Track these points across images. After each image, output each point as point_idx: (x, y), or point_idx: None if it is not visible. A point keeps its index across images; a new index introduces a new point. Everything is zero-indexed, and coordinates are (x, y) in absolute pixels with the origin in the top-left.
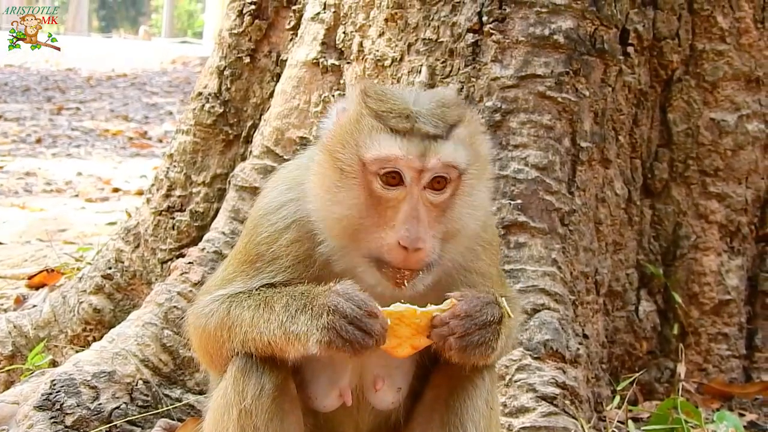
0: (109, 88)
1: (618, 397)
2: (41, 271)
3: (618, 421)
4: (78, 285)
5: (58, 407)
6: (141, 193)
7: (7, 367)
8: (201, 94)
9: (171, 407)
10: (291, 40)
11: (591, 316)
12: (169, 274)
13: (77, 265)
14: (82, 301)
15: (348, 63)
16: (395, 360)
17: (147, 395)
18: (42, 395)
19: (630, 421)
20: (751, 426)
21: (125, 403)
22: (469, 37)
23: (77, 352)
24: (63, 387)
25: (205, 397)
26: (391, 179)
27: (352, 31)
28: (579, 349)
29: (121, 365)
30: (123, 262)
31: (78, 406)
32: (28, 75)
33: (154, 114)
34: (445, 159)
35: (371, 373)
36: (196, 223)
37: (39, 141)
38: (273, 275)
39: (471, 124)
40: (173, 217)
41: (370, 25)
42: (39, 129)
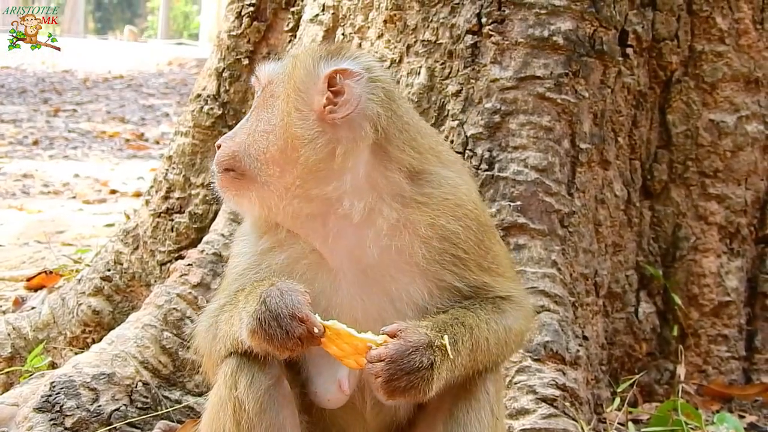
0: (105, 90)
1: (618, 399)
2: (40, 272)
3: (618, 423)
4: (77, 287)
5: (58, 409)
6: (138, 194)
7: (6, 369)
8: (200, 95)
9: (170, 409)
10: (290, 41)
11: (591, 317)
12: (168, 276)
13: (76, 267)
14: (81, 303)
15: None
16: None
17: (146, 397)
18: (41, 397)
19: (630, 422)
20: (750, 428)
21: (125, 404)
22: (468, 39)
23: (76, 353)
24: (62, 389)
25: (205, 398)
26: None
27: (350, 33)
28: (579, 350)
29: (120, 367)
30: (122, 264)
31: (77, 407)
32: (25, 77)
33: (151, 116)
34: None
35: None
36: (195, 225)
37: (36, 143)
38: (241, 276)
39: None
40: (172, 219)
41: (368, 27)
42: (36, 131)
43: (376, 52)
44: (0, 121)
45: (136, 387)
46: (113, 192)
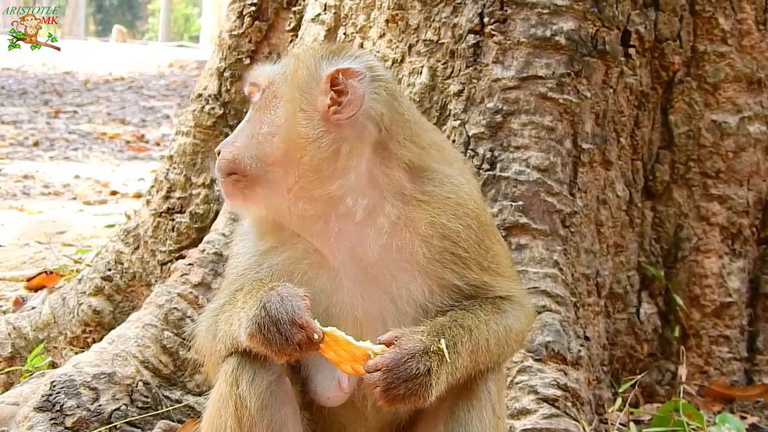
0: (106, 92)
1: (619, 400)
2: (40, 273)
3: (619, 424)
4: (77, 287)
5: (58, 408)
6: (139, 195)
7: (6, 369)
8: (201, 95)
9: (171, 408)
10: (291, 41)
11: (592, 318)
12: (169, 276)
13: (76, 267)
14: (81, 303)
15: None
16: None
17: (147, 396)
18: (42, 396)
19: (631, 423)
20: (752, 429)
21: (125, 404)
22: (471, 39)
23: (77, 353)
24: (63, 388)
25: (205, 398)
26: None
27: (352, 33)
28: (580, 351)
29: (121, 366)
30: (122, 264)
31: (78, 407)
32: (26, 78)
33: (152, 117)
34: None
35: None
36: (195, 225)
37: (36, 144)
38: (241, 276)
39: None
40: (173, 219)
41: (370, 27)
42: (36, 132)
43: (378, 52)
44: (1, 122)
45: (137, 386)
46: (114, 193)
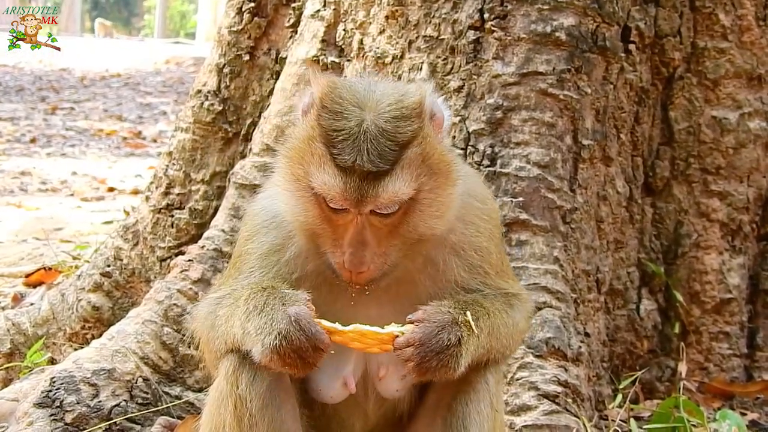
0: (102, 88)
1: (620, 396)
2: (39, 269)
3: (620, 420)
4: (77, 283)
5: (58, 404)
6: (136, 192)
7: (5, 365)
8: (200, 91)
9: (171, 405)
10: (291, 37)
11: (592, 314)
12: (168, 272)
13: (75, 264)
14: (80, 299)
15: (348, 60)
16: None
17: (147, 393)
18: (42, 392)
19: (632, 419)
20: (752, 425)
21: (125, 400)
22: (471, 34)
23: (76, 349)
24: (63, 384)
25: (205, 394)
26: (336, 208)
27: (352, 29)
28: (581, 347)
29: (120, 363)
30: (122, 260)
31: (78, 403)
32: (22, 75)
33: (148, 114)
34: (385, 199)
35: (375, 361)
36: (195, 221)
37: (33, 141)
38: (250, 274)
39: (427, 138)
40: (172, 215)
41: (370, 23)
42: (33, 129)
43: (378, 48)
44: None
45: (137, 382)
46: (111, 190)
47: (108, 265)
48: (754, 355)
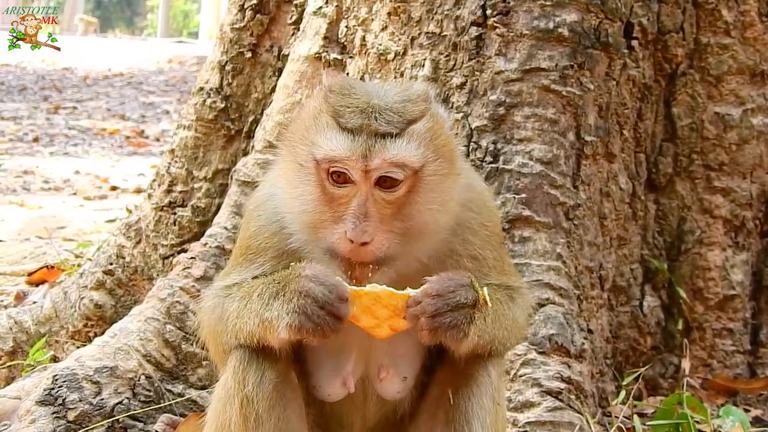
0: (105, 87)
1: (623, 392)
2: (41, 267)
3: (623, 417)
4: (79, 281)
5: (61, 402)
6: (139, 191)
7: (8, 363)
8: (202, 89)
9: (173, 402)
10: (293, 34)
11: (595, 310)
12: (171, 270)
13: (77, 262)
14: (83, 297)
15: (351, 57)
16: (400, 348)
17: (149, 390)
18: (44, 390)
19: (635, 416)
20: (756, 421)
21: (127, 398)
22: (473, 31)
23: (78, 347)
24: (65, 382)
25: (208, 392)
26: (339, 177)
27: (354, 25)
28: (584, 343)
29: (123, 360)
30: (124, 258)
31: (80, 401)
32: (25, 74)
33: (151, 113)
34: (392, 158)
35: (376, 362)
36: (197, 219)
37: (36, 140)
38: (260, 267)
39: (434, 119)
40: (175, 213)
41: (372, 19)
42: (36, 128)
43: (380, 45)
44: (0, 118)
45: (139, 380)
46: (114, 188)
47: (110, 263)
48: (757, 351)
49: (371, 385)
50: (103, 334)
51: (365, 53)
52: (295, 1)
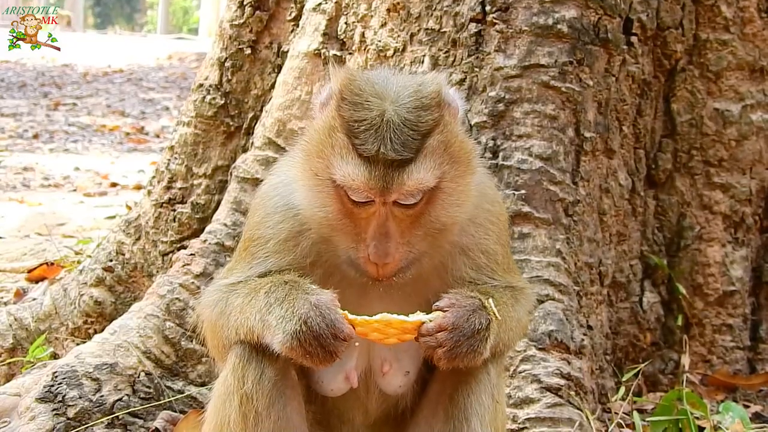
0: (105, 84)
1: (623, 389)
2: (41, 264)
3: (623, 413)
4: (79, 277)
5: (60, 399)
6: (139, 187)
7: (8, 360)
8: (202, 85)
9: (173, 399)
10: (292, 31)
11: (595, 307)
12: (170, 266)
13: (77, 259)
14: (83, 294)
15: (350, 54)
16: (403, 344)
17: (149, 387)
18: (44, 387)
19: (635, 412)
20: (755, 417)
21: (127, 395)
22: (472, 27)
23: (78, 344)
24: (65, 379)
25: (208, 389)
26: (359, 199)
27: (353, 22)
28: (583, 340)
29: (123, 357)
30: (124, 255)
31: (80, 398)
32: (25, 71)
33: (151, 109)
34: (410, 187)
35: (379, 357)
36: (197, 215)
37: (36, 136)
38: (263, 262)
39: (448, 125)
40: (174, 209)
41: (372, 16)
42: (36, 124)
43: (380, 41)
44: (0, 114)
45: (139, 377)
46: (114, 185)
47: (110, 260)
48: (757, 347)
49: (374, 380)
50: (102, 330)
51: (365, 50)
52: None
